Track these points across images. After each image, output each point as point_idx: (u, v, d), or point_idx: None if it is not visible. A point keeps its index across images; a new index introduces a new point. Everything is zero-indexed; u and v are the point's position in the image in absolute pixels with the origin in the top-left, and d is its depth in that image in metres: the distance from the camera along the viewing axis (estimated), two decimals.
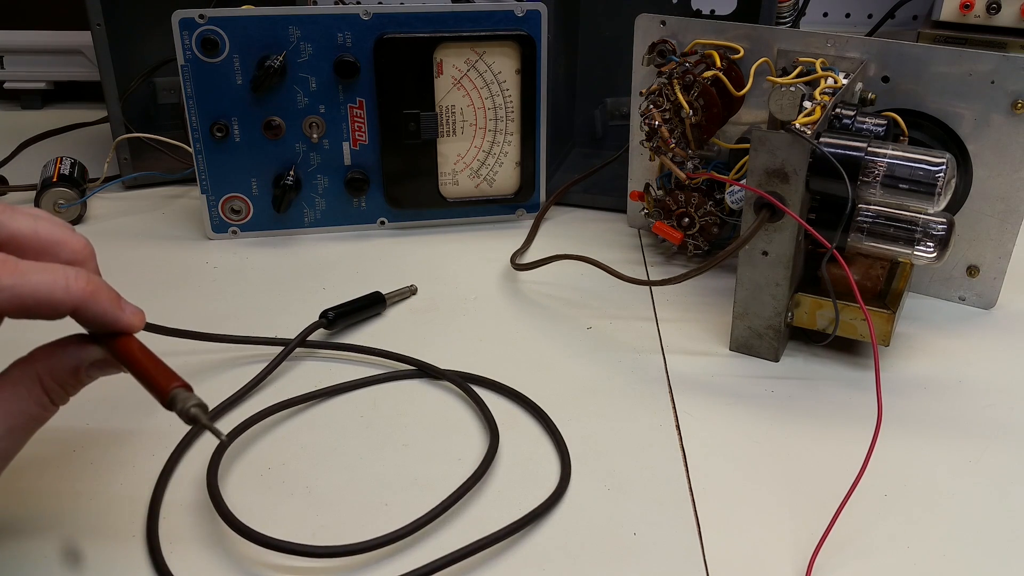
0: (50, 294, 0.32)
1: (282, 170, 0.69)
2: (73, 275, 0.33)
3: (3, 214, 0.34)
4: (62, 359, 0.35)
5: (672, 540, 0.41)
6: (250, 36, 0.64)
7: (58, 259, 0.34)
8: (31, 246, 0.34)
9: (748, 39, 0.63)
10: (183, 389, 0.34)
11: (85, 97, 1.05)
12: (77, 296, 0.33)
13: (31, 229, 0.34)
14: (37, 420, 0.35)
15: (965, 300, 0.61)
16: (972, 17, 0.92)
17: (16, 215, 0.34)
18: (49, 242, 0.34)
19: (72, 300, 0.33)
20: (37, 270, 0.32)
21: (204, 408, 0.34)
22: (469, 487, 0.43)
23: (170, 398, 0.34)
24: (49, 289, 0.32)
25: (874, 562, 0.40)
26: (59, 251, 0.34)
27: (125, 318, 0.35)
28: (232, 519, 0.40)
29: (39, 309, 0.32)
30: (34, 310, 0.32)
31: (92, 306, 0.33)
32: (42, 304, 0.32)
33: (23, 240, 0.34)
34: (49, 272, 0.32)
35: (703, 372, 0.54)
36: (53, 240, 0.34)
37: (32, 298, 0.32)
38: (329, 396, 0.51)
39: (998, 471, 0.45)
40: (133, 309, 0.36)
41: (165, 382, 0.34)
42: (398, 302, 0.61)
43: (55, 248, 0.34)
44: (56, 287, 0.32)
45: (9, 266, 0.31)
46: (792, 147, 0.49)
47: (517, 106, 0.70)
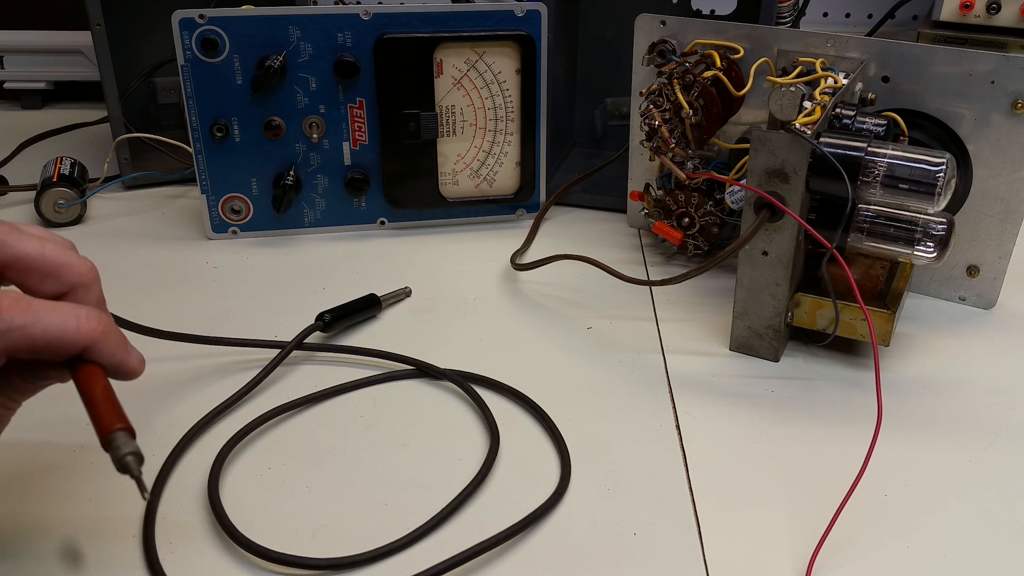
0: (61, 335, 0.32)
1: (282, 170, 0.69)
2: (84, 315, 0.32)
3: (10, 235, 0.33)
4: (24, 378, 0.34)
5: (672, 540, 0.41)
6: (250, 36, 0.64)
7: (63, 283, 0.34)
8: (37, 268, 0.33)
9: (748, 39, 0.63)
10: (125, 433, 0.33)
11: (85, 97, 1.05)
12: (87, 338, 0.32)
13: (38, 251, 0.33)
14: None
15: (965, 300, 0.61)
16: (972, 17, 0.92)
17: (23, 236, 0.33)
18: (55, 264, 0.34)
19: (82, 342, 0.32)
20: (49, 309, 0.32)
21: (139, 458, 0.32)
22: (471, 491, 0.43)
23: (109, 439, 0.32)
24: (60, 330, 0.32)
25: (874, 562, 0.40)
26: (64, 274, 0.34)
27: (130, 363, 0.34)
28: (234, 532, 0.40)
29: (48, 350, 0.32)
30: (43, 351, 0.32)
31: (100, 347, 0.33)
32: (52, 345, 0.31)
33: (29, 262, 0.33)
34: (60, 312, 0.32)
35: (703, 372, 0.54)
36: (59, 263, 0.34)
37: (43, 339, 0.31)
38: (329, 397, 0.51)
39: (998, 471, 0.45)
40: (138, 355, 0.35)
41: (109, 422, 0.33)
42: (394, 303, 0.61)
43: (61, 271, 0.34)
44: (67, 328, 0.32)
45: (22, 304, 0.31)
46: (792, 147, 0.49)
47: (517, 106, 0.70)
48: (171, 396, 0.50)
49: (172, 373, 0.52)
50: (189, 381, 0.52)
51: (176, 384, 0.52)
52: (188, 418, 0.48)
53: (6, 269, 0.33)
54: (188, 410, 0.49)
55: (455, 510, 0.42)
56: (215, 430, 0.48)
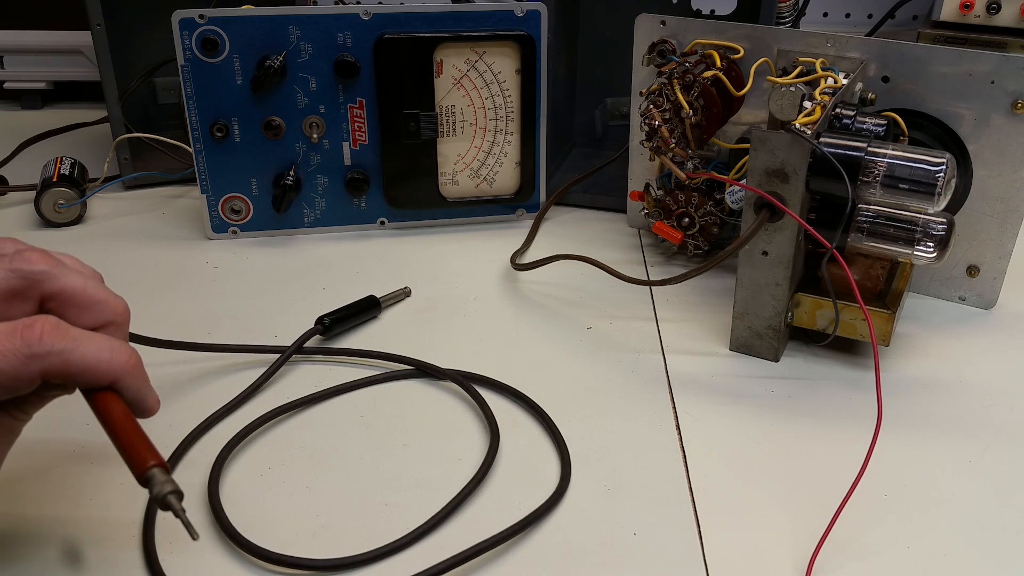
0: (96, 364, 0.33)
1: (282, 170, 0.69)
2: (118, 348, 0.34)
3: (56, 268, 0.34)
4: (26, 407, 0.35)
5: (672, 540, 0.41)
6: (250, 36, 0.64)
7: (98, 319, 0.35)
8: (78, 302, 0.34)
9: (748, 39, 0.63)
10: (161, 470, 0.33)
11: (85, 97, 1.05)
12: (119, 370, 0.33)
13: (81, 286, 0.35)
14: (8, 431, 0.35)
15: (965, 300, 0.61)
16: (972, 17, 0.92)
17: (68, 271, 0.35)
18: (95, 300, 0.35)
19: (114, 373, 0.33)
20: (87, 339, 0.33)
21: (179, 496, 0.33)
22: (471, 490, 0.43)
23: (147, 477, 0.33)
24: (96, 359, 0.33)
25: (874, 562, 0.40)
26: (101, 311, 0.35)
27: (149, 400, 0.35)
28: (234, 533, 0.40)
29: (82, 376, 0.33)
30: (76, 377, 0.32)
31: (128, 381, 0.34)
32: (87, 372, 0.32)
33: (72, 295, 0.34)
34: (97, 342, 0.33)
35: (703, 372, 0.54)
36: (98, 299, 0.35)
37: (79, 366, 0.32)
38: (329, 397, 0.51)
39: (998, 471, 0.45)
40: (155, 396, 0.36)
41: (144, 457, 0.33)
42: (393, 304, 0.61)
43: (99, 307, 0.35)
44: (103, 358, 0.33)
45: (63, 330, 0.32)
46: (792, 147, 0.49)
47: (517, 106, 0.70)
48: (171, 399, 0.50)
49: (172, 376, 0.52)
50: (189, 384, 0.52)
51: (176, 387, 0.52)
52: (188, 420, 0.48)
53: (49, 299, 0.34)
54: (188, 413, 0.49)
55: (454, 510, 0.42)
56: (215, 431, 0.48)
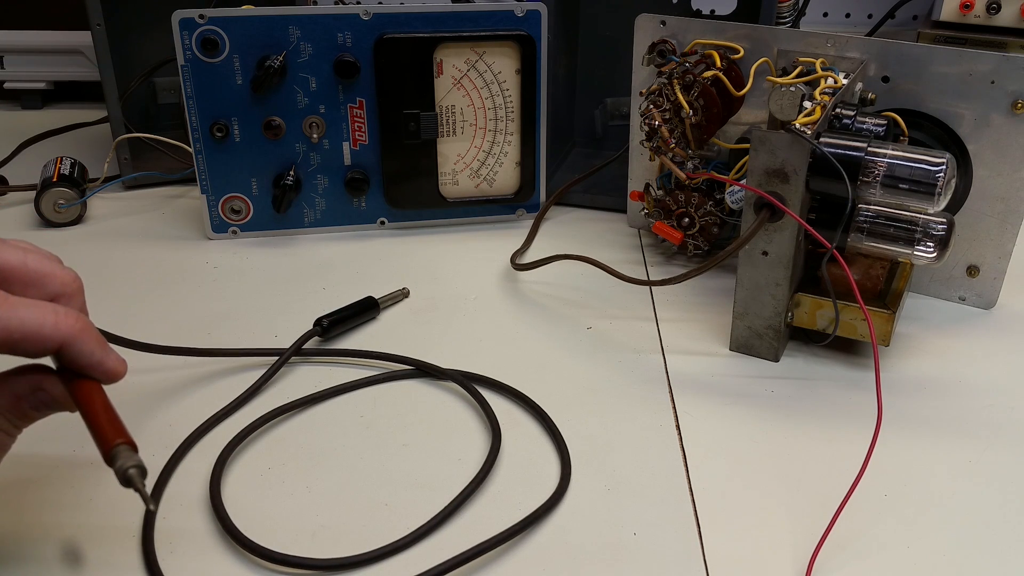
0: (38, 329, 0.32)
1: (282, 170, 0.69)
2: (63, 312, 0.33)
3: None
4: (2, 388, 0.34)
5: (672, 540, 0.41)
6: (250, 36, 0.64)
7: (46, 292, 0.34)
8: (19, 278, 0.34)
9: (748, 39, 0.63)
10: (127, 447, 0.33)
11: (85, 97, 1.05)
12: (65, 333, 0.32)
13: (20, 261, 0.34)
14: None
15: (965, 300, 0.61)
16: (972, 17, 0.92)
17: (5, 247, 0.34)
18: (38, 275, 0.34)
19: (60, 337, 0.32)
20: (26, 305, 0.32)
21: (142, 471, 0.33)
22: (472, 489, 0.43)
23: (112, 453, 0.33)
24: (38, 324, 0.32)
25: (874, 562, 0.40)
26: (47, 283, 0.34)
27: (109, 363, 0.34)
28: (237, 534, 0.40)
29: (25, 344, 0.32)
30: (20, 344, 0.32)
31: (78, 345, 0.33)
32: (29, 338, 0.32)
33: (11, 272, 0.33)
34: (38, 308, 0.32)
35: (703, 372, 0.54)
36: (42, 273, 0.34)
37: (20, 331, 0.31)
38: (329, 397, 0.51)
39: (998, 471, 0.45)
40: (118, 357, 0.35)
41: (111, 437, 0.33)
42: (391, 305, 0.61)
43: (43, 280, 0.34)
44: (45, 323, 0.32)
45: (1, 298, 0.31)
46: (792, 147, 0.49)
47: (517, 106, 0.70)
48: (170, 401, 0.50)
49: (170, 379, 0.52)
50: (188, 386, 0.52)
51: (175, 390, 0.51)
52: (188, 422, 0.48)
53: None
54: (188, 414, 0.49)
55: (456, 510, 0.42)
56: (215, 433, 0.48)
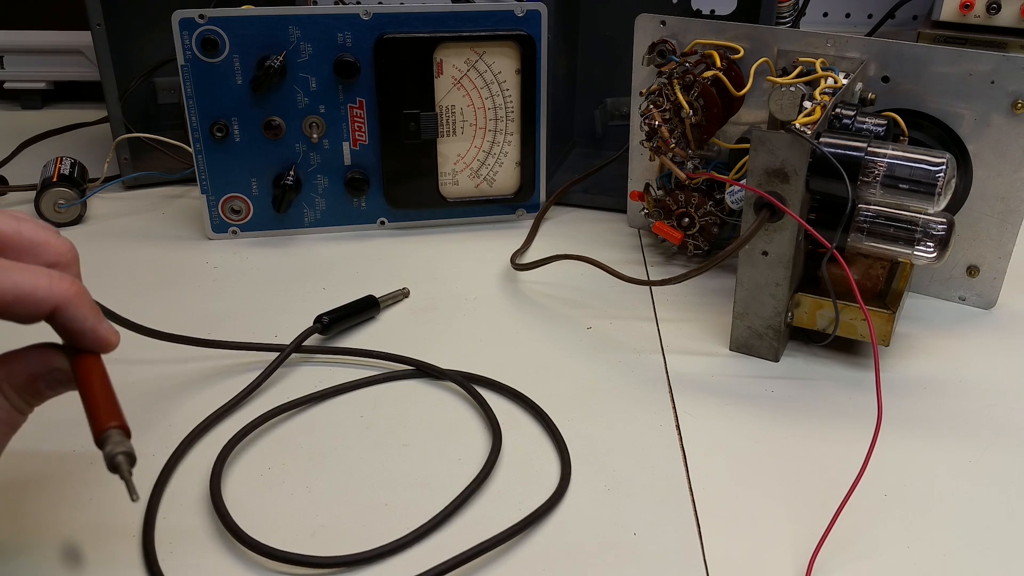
0: (32, 291, 0.32)
1: (282, 170, 0.69)
2: (57, 277, 0.33)
3: None
4: (18, 365, 0.34)
5: (672, 540, 0.41)
6: (250, 36, 0.64)
7: (40, 260, 0.34)
8: (13, 246, 0.34)
9: (748, 39, 0.63)
10: (119, 431, 0.33)
11: (85, 97, 1.05)
12: (59, 296, 0.32)
13: (13, 229, 0.34)
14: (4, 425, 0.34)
15: (965, 300, 0.61)
16: (972, 17, 0.92)
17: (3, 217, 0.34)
18: (32, 243, 0.34)
19: (53, 300, 0.32)
20: (20, 269, 0.32)
21: (131, 458, 0.32)
22: (473, 489, 0.43)
23: (103, 436, 0.32)
24: (32, 286, 0.32)
25: (874, 562, 0.40)
26: (42, 252, 0.34)
27: (102, 331, 0.34)
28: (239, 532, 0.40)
29: (19, 306, 0.32)
30: (13, 307, 0.32)
31: (72, 309, 0.33)
32: (22, 300, 0.32)
33: (5, 240, 0.33)
34: (32, 271, 0.32)
35: (703, 372, 0.54)
36: (37, 241, 0.34)
37: (12, 294, 0.31)
38: (329, 397, 0.51)
39: (998, 471, 0.45)
40: (111, 326, 0.35)
41: (105, 418, 0.33)
42: (392, 304, 0.61)
43: (38, 249, 0.34)
44: (39, 285, 0.32)
45: None
46: (792, 147, 0.49)
47: (517, 106, 0.70)
48: (170, 398, 0.50)
49: (171, 375, 0.52)
50: (188, 383, 0.52)
51: (175, 386, 0.52)
52: (188, 420, 0.48)
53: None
54: (188, 412, 0.49)
55: (456, 510, 0.42)
56: (215, 431, 0.48)
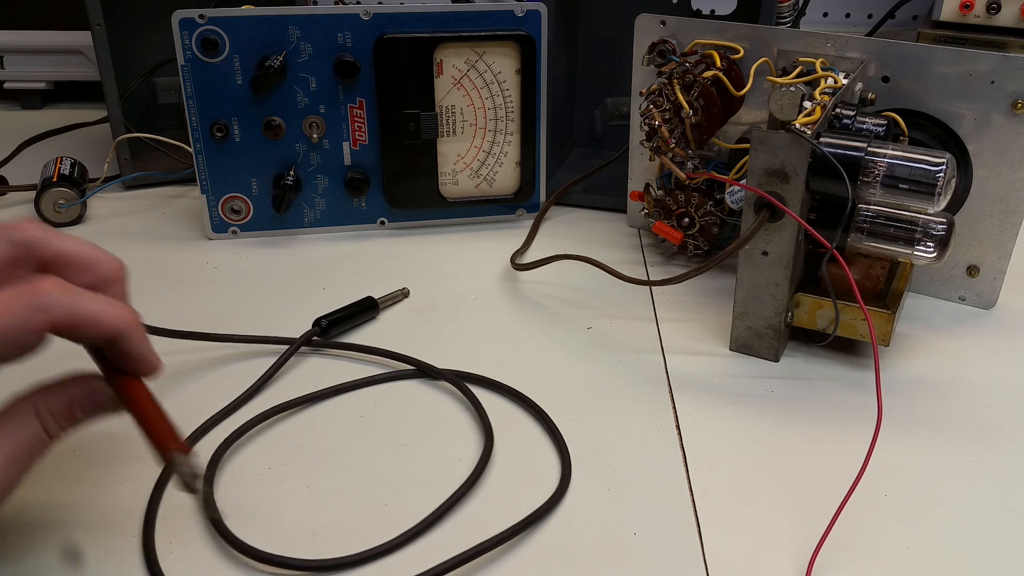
0: (100, 316, 0.35)
1: (282, 170, 0.69)
2: (119, 305, 0.36)
3: (48, 232, 0.37)
4: (58, 391, 0.36)
5: (672, 540, 0.41)
6: (250, 36, 0.64)
7: (96, 276, 0.37)
8: (74, 262, 0.37)
9: (748, 39, 0.63)
10: (181, 452, 0.35)
11: (85, 97, 1.05)
12: (122, 324, 0.36)
13: (76, 247, 0.37)
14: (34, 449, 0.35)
15: (965, 300, 0.61)
16: (972, 17, 0.92)
17: (60, 236, 0.37)
18: (90, 259, 0.37)
19: (116, 326, 0.35)
20: (89, 295, 0.35)
21: (197, 478, 0.35)
22: (465, 491, 0.43)
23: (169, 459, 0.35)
24: (99, 312, 0.35)
25: (874, 562, 0.40)
26: (98, 268, 0.37)
27: (152, 356, 0.37)
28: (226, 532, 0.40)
29: (85, 329, 0.35)
30: (82, 329, 0.34)
31: (131, 335, 0.36)
32: (90, 325, 0.35)
33: (67, 256, 0.37)
34: (98, 298, 0.35)
35: (703, 372, 0.54)
36: (94, 258, 0.37)
37: (83, 317, 0.34)
38: (329, 396, 0.51)
39: (998, 471, 0.45)
40: (157, 355, 0.38)
41: (167, 441, 0.36)
42: (391, 305, 0.61)
43: (95, 265, 0.37)
44: (104, 311, 0.35)
45: (66, 286, 0.34)
46: (792, 147, 0.49)
47: (517, 106, 0.70)
48: (171, 399, 0.50)
49: (171, 376, 0.52)
50: (188, 384, 0.52)
51: (175, 387, 0.52)
52: (187, 419, 0.47)
53: (47, 265, 0.36)
54: (188, 413, 0.48)
55: (448, 511, 0.42)
56: (215, 432, 0.48)
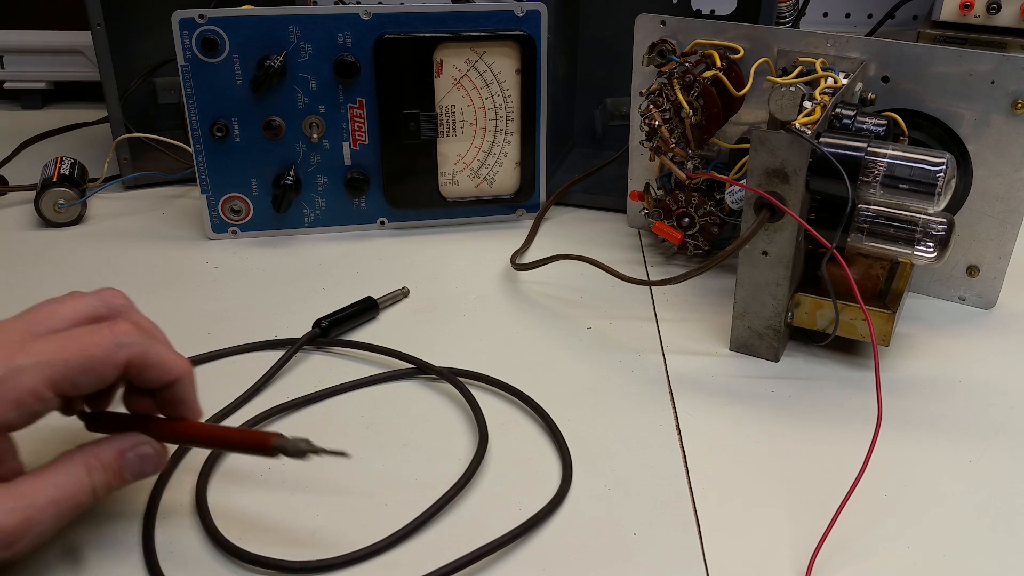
0: (168, 361, 0.39)
1: (282, 170, 0.69)
2: (181, 357, 0.41)
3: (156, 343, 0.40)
4: (107, 443, 0.39)
5: (672, 540, 0.41)
6: (250, 36, 0.64)
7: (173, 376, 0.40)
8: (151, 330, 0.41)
9: (748, 39, 0.63)
10: (279, 438, 0.39)
11: (85, 97, 1.05)
12: (184, 370, 0.40)
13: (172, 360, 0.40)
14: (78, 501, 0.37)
15: (965, 300, 0.61)
16: (972, 17, 0.92)
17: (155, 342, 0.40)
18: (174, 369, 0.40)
19: (180, 372, 0.40)
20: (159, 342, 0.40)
21: (308, 442, 0.38)
22: (458, 490, 0.43)
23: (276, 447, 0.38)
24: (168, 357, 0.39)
25: (874, 562, 0.40)
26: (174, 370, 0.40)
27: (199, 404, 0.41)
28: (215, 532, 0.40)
29: (156, 369, 0.39)
30: (150, 369, 0.39)
31: (188, 382, 0.40)
32: (160, 366, 0.39)
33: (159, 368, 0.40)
34: (166, 346, 0.40)
35: (703, 372, 0.54)
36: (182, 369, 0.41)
37: (155, 359, 0.39)
38: (329, 396, 0.51)
39: (998, 471, 0.45)
40: None
41: (258, 438, 0.40)
42: (391, 305, 0.61)
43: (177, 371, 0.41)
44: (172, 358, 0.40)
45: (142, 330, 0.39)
46: (792, 147, 0.49)
47: (517, 106, 0.70)
48: None
49: None
50: None
51: None
52: None
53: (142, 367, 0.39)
54: None
55: (442, 509, 0.42)
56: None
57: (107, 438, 0.39)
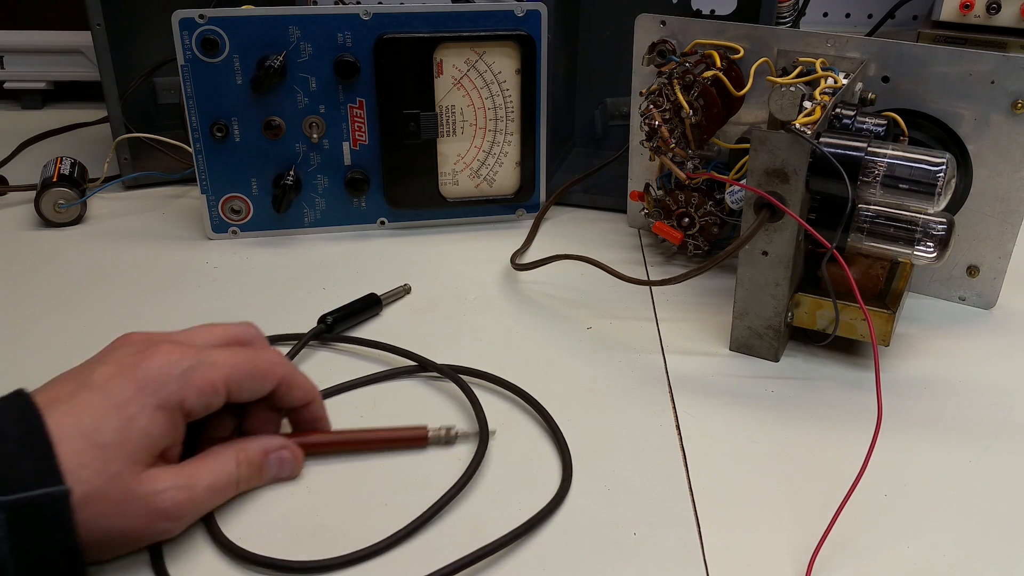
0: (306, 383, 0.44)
1: (282, 170, 0.69)
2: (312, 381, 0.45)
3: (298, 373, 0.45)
4: (255, 440, 0.43)
5: (672, 540, 0.41)
6: (250, 36, 0.64)
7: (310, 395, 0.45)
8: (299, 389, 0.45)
9: (748, 39, 0.63)
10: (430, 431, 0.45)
11: (85, 97, 1.05)
12: (316, 393, 0.45)
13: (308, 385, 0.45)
14: (227, 488, 0.41)
15: (965, 300, 0.61)
16: (972, 17, 0.92)
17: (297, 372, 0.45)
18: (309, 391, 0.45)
19: (314, 394, 0.45)
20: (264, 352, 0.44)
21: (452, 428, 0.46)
22: (459, 489, 0.43)
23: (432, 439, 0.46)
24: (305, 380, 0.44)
25: (874, 562, 0.40)
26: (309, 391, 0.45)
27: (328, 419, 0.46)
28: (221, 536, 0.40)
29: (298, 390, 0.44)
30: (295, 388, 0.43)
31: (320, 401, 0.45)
32: (301, 387, 0.44)
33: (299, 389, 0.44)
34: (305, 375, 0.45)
35: (703, 372, 0.54)
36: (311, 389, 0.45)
37: (298, 379, 0.44)
38: (329, 396, 0.50)
39: (998, 471, 0.45)
40: None
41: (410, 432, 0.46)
42: (393, 301, 0.61)
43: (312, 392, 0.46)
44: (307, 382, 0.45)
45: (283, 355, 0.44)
46: (792, 147, 0.49)
47: (517, 106, 0.70)
48: None
49: None
50: None
51: None
52: None
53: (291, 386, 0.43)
54: None
55: (443, 508, 0.42)
56: None
57: (254, 436, 0.43)
